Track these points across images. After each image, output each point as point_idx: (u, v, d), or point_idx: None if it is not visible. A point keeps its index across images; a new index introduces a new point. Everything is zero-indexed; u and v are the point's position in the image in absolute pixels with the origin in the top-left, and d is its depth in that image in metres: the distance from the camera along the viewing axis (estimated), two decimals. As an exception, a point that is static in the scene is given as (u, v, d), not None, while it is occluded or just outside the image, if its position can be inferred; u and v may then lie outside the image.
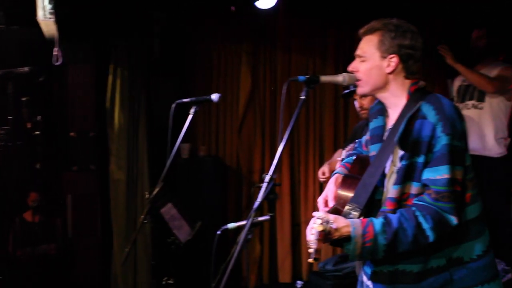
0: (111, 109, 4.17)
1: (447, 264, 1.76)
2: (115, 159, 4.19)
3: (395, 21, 1.86)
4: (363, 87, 1.89)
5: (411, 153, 1.74)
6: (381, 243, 1.68)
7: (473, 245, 1.78)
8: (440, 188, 1.69)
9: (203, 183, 4.43)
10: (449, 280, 1.76)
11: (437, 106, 1.74)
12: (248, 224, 1.83)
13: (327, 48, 4.77)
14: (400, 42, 1.82)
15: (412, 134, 1.75)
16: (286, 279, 4.83)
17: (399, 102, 1.85)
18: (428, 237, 1.69)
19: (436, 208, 1.69)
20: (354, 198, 1.84)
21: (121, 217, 4.23)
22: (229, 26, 4.70)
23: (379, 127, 1.94)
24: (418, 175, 1.74)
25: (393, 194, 1.77)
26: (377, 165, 1.84)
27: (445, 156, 1.69)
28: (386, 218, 1.71)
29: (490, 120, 4.01)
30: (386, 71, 1.84)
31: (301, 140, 4.84)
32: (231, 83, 4.79)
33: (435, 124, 1.71)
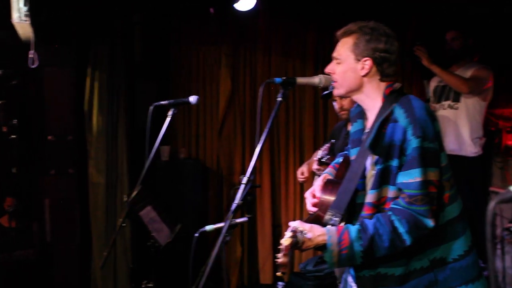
0: (90, 112, 4.13)
1: (431, 265, 1.76)
2: (94, 163, 4.14)
3: (372, 24, 1.87)
4: (338, 89, 1.92)
5: (385, 157, 1.76)
6: (357, 249, 1.69)
7: (455, 245, 1.79)
8: (413, 191, 1.70)
9: (183, 185, 4.41)
10: (434, 281, 1.76)
11: (407, 109, 1.75)
12: (226, 226, 1.83)
13: (306, 49, 4.79)
14: (375, 45, 1.83)
15: (384, 138, 1.75)
16: (267, 280, 4.84)
17: (375, 104, 1.86)
18: (405, 241, 1.69)
19: (411, 212, 1.70)
20: (335, 203, 1.84)
21: (101, 221, 4.19)
22: (209, 28, 4.70)
23: (359, 131, 1.96)
24: (394, 178, 1.75)
25: (370, 199, 1.78)
26: (355, 170, 1.85)
27: (416, 159, 1.70)
28: (362, 224, 1.72)
29: (465, 120, 4.07)
30: (360, 73, 1.85)
31: (281, 142, 4.86)
32: (211, 85, 4.78)
33: (405, 127, 1.71)
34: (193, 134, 4.79)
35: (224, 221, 1.84)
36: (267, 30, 4.78)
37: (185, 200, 4.38)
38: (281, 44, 4.79)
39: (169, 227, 3.42)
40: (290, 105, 4.84)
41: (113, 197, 4.21)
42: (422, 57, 4.05)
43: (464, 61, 4.10)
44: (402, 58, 4.81)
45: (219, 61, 4.74)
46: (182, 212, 4.26)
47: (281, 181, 4.88)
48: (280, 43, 4.79)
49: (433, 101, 4.25)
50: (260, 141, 1.84)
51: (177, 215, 4.08)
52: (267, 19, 4.74)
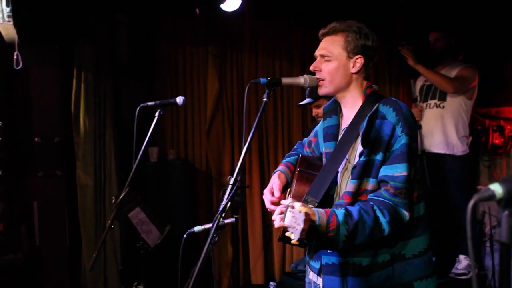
0: (76, 113, 4.10)
1: (391, 259, 1.83)
2: (81, 164, 4.12)
3: (356, 23, 1.92)
4: (326, 87, 1.93)
5: (370, 150, 1.80)
6: (342, 233, 1.71)
7: (416, 243, 1.86)
8: (399, 184, 1.76)
9: (172, 186, 4.40)
10: (391, 275, 1.82)
11: (396, 107, 1.82)
12: (214, 226, 1.83)
13: (293, 49, 4.81)
14: (364, 43, 1.89)
15: (372, 132, 1.80)
16: (259, 280, 4.84)
17: (356, 102, 1.93)
18: (384, 231, 1.74)
19: (392, 203, 1.76)
20: (311, 191, 1.88)
21: (90, 223, 4.16)
22: (195, 28, 4.69)
23: (334, 126, 2.01)
24: (375, 172, 1.80)
25: (350, 188, 1.81)
26: (333, 161, 1.89)
27: (404, 155, 1.77)
28: (347, 210, 1.75)
29: (452, 119, 4.11)
30: (351, 71, 1.90)
31: (269, 142, 4.86)
32: (198, 85, 4.78)
33: (395, 124, 1.79)
34: (182, 135, 4.79)
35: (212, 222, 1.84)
36: (254, 31, 4.79)
37: (174, 201, 4.37)
38: (268, 44, 4.80)
39: (158, 228, 3.41)
40: (278, 105, 4.85)
41: (102, 199, 4.19)
42: (407, 57, 4.08)
43: (449, 60, 4.14)
44: (389, 58, 4.84)
45: (206, 62, 4.74)
46: (171, 213, 4.25)
47: (270, 181, 4.87)
48: (267, 43, 4.80)
49: (419, 100, 4.28)
50: (247, 141, 1.84)
51: (167, 216, 4.07)
52: (253, 20, 4.75)
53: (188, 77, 4.77)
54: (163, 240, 3.44)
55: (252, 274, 4.86)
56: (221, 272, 4.78)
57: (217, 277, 4.77)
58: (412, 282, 1.84)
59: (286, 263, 4.84)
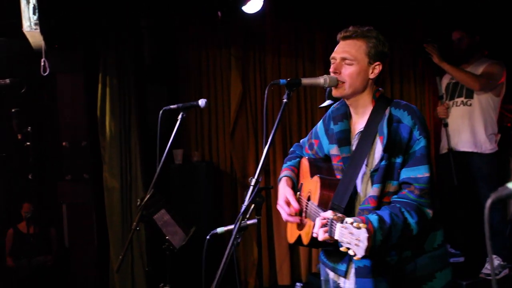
0: (102, 117, 4.17)
1: (412, 254, 1.89)
2: (108, 167, 4.19)
3: (374, 29, 1.98)
4: (345, 90, 1.95)
5: (390, 154, 1.84)
6: (378, 239, 1.73)
7: (434, 237, 1.94)
8: (423, 185, 1.82)
9: (197, 188, 4.43)
10: (415, 268, 1.89)
11: (410, 111, 1.88)
12: (236, 228, 1.84)
13: (315, 50, 4.78)
14: (383, 49, 1.95)
15: (389, 137, 1.85)
16: (285, 281, 4.83)
17: (367, 107, 1.97)
18: (413, 231, 1.80)
19: (417, 204, 1.81)
20: (336, 198, 1.91)
21: (117, 225, 4.23)
22: (217, 31, 4.71)
23: (345, 130, 2.03)
24: (396, 174, 1.85)
25: (374, 192, 1.85)
26: (354, 166, 1.92)
27: (424, 157, 1.84)
28: (379, 215, 1.76)
29: (480, 117, 4.02)
30: (370, 76, 1.95)
31: (293, 143, 4.80)
32: (221, 88, 4.80)
33: (411, 127, 1.85)
34: (206, 137, 4.81)
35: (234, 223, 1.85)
36: (276, 32, 4.78)
37: (199, 202, 4.40)
38: (290, 45, 4.79)
39: (183, 229, 3.44)
40: (302, 105, 4.83)
41: (128, 201, 4.25)
42: (432, 54, 4.01)
43: (475, 57, 4.06)
44: (413, 56, 4.77)
45: (229, 64, 4.75)
46: (196, 214, 4.28)
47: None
48: (289, 44, 4.78)
49: (445, 98, 4.21)
50: (267, 142, 1.84)
51: (192, 218, 4.10)
52: (275, 21, 4.74)
53: (211, 79, 4.80)
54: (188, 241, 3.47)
55: (278, 274, 4.85)
56: (247, 273, 4.79)
57: (243, 278, 4.78)
58: (434, 273, 1.92)
59: (312, 264, 4.82)
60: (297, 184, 2.22)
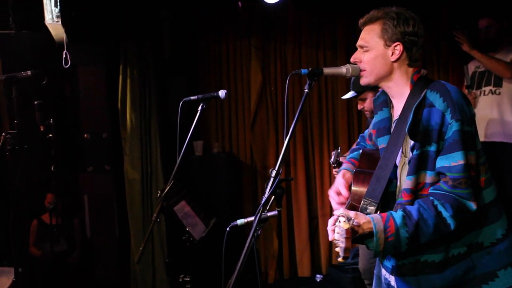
0: (123, 109, 4.19)
1: (468, 251, 1.75)
2: (128, 159, 4.21)
3: (395, 9, 1.85)
4: (367, 77, 1.88)
5: (421, 143, 1.73)
6: (403, 236, 1.67)
7: (492, 229, 1.77)
8: (456, 174, 1.68)
9: (217, 179, 4.44)
10: (472, 266, 1.75)
11: (443, 93, 1.72)
12: (256, 219, 1.82)
13: (337, 40, 4.72)
14: (403, 29, 1.81)
15: (421, 124, 1.73)
16: (305, 273, 4.82)
17: (403, 91, 1.84)
18: (450, 225, 1.68)
19: (454, 196, 1.68)
20: (369, 192, 1.82)
21: (137, 216, 4.26)
22: (237, 22, 4.69)
23: (386, 119, 1.94)
24: (432, 164, 1.73)
25: (408, 185, 1.75)
26: (388, 157, 1.82)
27: (457, 143, 1.68)
28: (405, 210, 1.70)
29: (509, 106, 3.92)
30: (391, 59, 1.83)
31: (314, 134, 4.80)
32: (242, 78, 4.78)
33: (443, 111, 1.70)
34: (226, 128, 4.81)
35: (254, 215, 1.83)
36: (296, 22, 4.73)
37: (220, 194, 4.41)
38: (311, 35, 4.74)
39: (203, 221, 3.45)
40: (323, 96, 4.78)
41: (149, 193, 4.27)
42: (462, 42, 3.90)
43: (502, 45, 3.95)
44: (437, 44, 4.66)
45: (249, 55, 4.73)
46: (217, 206, 4.29)
47: (316, 173, 4.83)
48: (310, 35, 4.74)
49: (473, 87, 4.11)
50: (288, 133, 1.81)
51: (212, 209, 4.11)
52: (296, 11, 4.70)
53: (232, 70, 4.78)
54: (209, 232, 3.48)
55: (298, 266, 4.84)
56: (267, 265, 4.78)
57: (263, 270, 4.78)
58: (495, 271, 1.76)
59: (333, 256, 4.79)
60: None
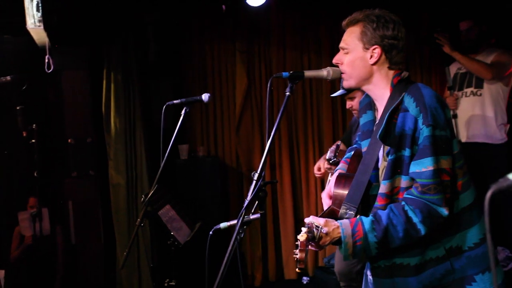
0: (107, 114, 4.17)
1: (447, 254, 1.75)
2: (113, 164, 4.19)
3: (377, 12, 1.84)
4: (348, 80, 1.88)
5: (396, 147, 1.73)
6: (372, 241, 1.68)
7: (470, 233, 1.77)
8: (425, 180, 1.67)
9: (203, 183, 4.43)
10: (451, 270, 1.76)
11: (417, 97, 1.72)
12: (239, 223, 1.82)
13: (321, 42, 4.74)
14: (382, 32, 1.80)
15: (396, 128, 1.73)
16: (291, 275, 4.83)
17: (384, 94, 1.84)
18: (420, 231, 1.68)
19: (424, 201, 1.67)
20: (349, 197, 1.82)
21: (123, 221, 4.23)
22: (222, 25, 4.69)
23: (369, 122, 1.94)
24: (406, 168, 1.73)
25: (383, 189, 1.76)
26: (367, 162, 1.83)
27: (428, 148, 1.67)
28: (376, 215, 1.71)
29: (490, 107, 3.98)
30: (370, 62, 1.82)
31: (299, 137, 4.82)
32: (227, 82, 4.78)
33: (416, 116, 1.70)
34: (211, 131, 4.80)
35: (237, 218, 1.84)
36: (280, 25, 4.75)
37: (205, 197, 4.40)
38: (295, 38, 4.75)
39: (188, 225, 3.43)
40: (308, 98, 4.80)
41: (134, 197, 4.25)
42: (443, 44, 3.95)
43: (482, 47, 4.01)
44: (419, 46, 4.71)
45: (234, 58, 4.73)
46: (202, 210, 4.28)
47: (301, 176, 4.85)
48: (294, 37, 4.75)
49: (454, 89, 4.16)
50: (270, 137, 1.82)
51: (198, 213, 4.10)
52: (280, 14, 4.71)
53: (216, 73, 4.78)
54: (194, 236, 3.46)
55: (285, 269, 4.85)
56: (254, 267, 4.78)
57: (249, 273, 4.78)
58: (473, 275, 1.76)
59: (319, 258, 4.80)
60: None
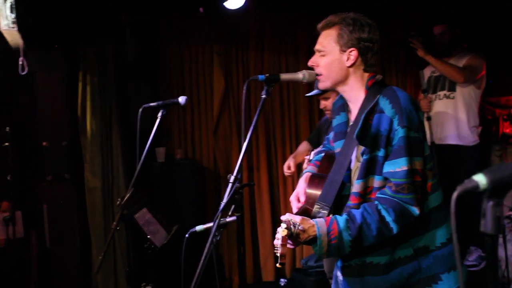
0: (83, 116, 4.12)
1: (415, 253, 1.79)
2: (89, 167, 4.14)
3: (352, 15, 1.88)
4: (324, 82, 1.91)
5: (371, 148, 1.77)
6: (346, 239, 1.70)
7: (437, 233, 1.82)
8: (400, 180, 1.71)
9: (180, 186, 4.41)
10: (418, 269, 1.79)
11: (392, 99, 1.76)
12: (215, 225, 1.82)
13: (299, 45, 4.78)
14: (359, 35, 1.84)
15: (371, 129, 1.77)
16: (269, 277, 4.84)
17: (359, 96, 1.87)
18: (392, 229, 1.71)
19: (397, 200, 1.71)
20: (322, 196, 1.85)
21: (99, 225, 4.19)
22: (200, 28, 4.69)
23: (343, 123, 1.97)
24: (380, 168, 1.76)
25: (356, 188, 1.79)
26: (341, 162, 1.86)
27: (402, 149, 1.71)
28: (350, 214, 1.73)
29: (463, 109, 4.06)
30: (346, 64, 1.85)
31: (277, 138, 4.84)
32: (204, 84, 4.77)
33: (392, 117, 1.74)
34: (189, 134, 4.78)
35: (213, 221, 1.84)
36: (258, 28, 4.77)
37: (183, 200, 4.38)
38: (273, 41, 4.78)
39: (165, 228, 3.41)
40: (285, 101, 4.83)
41: (110, 201, 4.21)
42: (417, 48, 4.02)
43: (456, 51, 4.09)
44: (395, 50, 4.78)
45: (211, 60, 4.73)
46: (180, 212, 4.26)
47: (279, 178, 4.87)
48: (272, 40, 4.77)
49: (428, 92, 4.23)
50: (246, 139, 1.84)
51: (175, 216, 4.07)
52: (258, 17, 4.73)
53: (194, 76, 4.77)
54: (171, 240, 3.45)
55: (263, 271, 4.86)
56: (231, 270, 4.78)
57: (227, 276, 4.77)
58: (439, 274, 1.80)
59: (297, 259, 4.83)
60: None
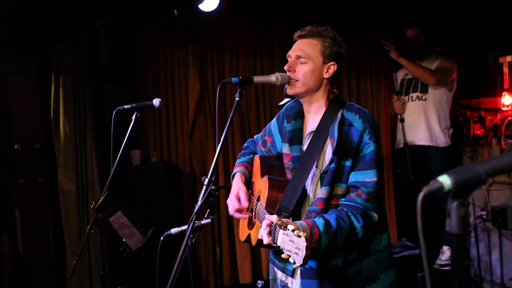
0: (56, 119, 4.05)
1: (358, 256, 1.90)
2: (63, 170, 4.08)
3: (331, 30, 1.96)
4: (298, 88, 1.94)
5: (339, 157, 1.83)
6: (323, 243, 1.74)
7: (380, 238, 1.95)
8: (370, 189, 1.82)
9: (156, 188, 4.38)
10: (359, 270, 1.90)
11: (361, 115, 1.86)
12: (189, 228, 1.82)
13: (274, 48, 4.80)
14: (338, 50, 1.93)
15: (339, 140, 1.83)
16: (246, 279, 4.84)
17: (320, 107, 1.96)
18: (358, 234, 1.81)
19: (363, 208, 1.82)
20: (284, 200, 1.90)
21: (73, 229, 4.13)
22: (174, 30, 4.66)
23: (297, 129, 2.02)
24: (345, 177, 1.85)
25: (323, 194, 1.85)
26: (304, 168, 1.91)
27: (373, 161, 1.83)
28: (325, 219, 1.77)
29: (434, 111, 4.15)
30: (324, 76, 1.93)
31: (253, 140, 4.85)
32: (179, 86, 4.74)
33: (362, 131, 1.83)
34: (164, 137, 4.75)
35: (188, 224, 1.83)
36: (233, 30, 4.77)
37: (159, 203, 4.35)
38: (248, 44, 4.79)
39: (140, 231, 3.39)
40: (261, 104, 4.85)
41: (85, 204, 4.15)
42: (390, 50, 4.08)
43: (429, 54, 4.17)
44: (369, 52, 4.85)
45: (187, 63, 4.71)
46: (156, 215, 4.23)
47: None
48: (247, 43, 4.79)
49: (401, 93, 4.31)
50: (220, 142, 1.84)
51: (151, 219, 4.05)
52: (233, 19, 4.74)
53: (169, 78, 4.74)
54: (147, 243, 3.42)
55: (240, 273, 4.86)
56: (208, 272, 4.76)
57: (204, 278, 4.76)
58: (377, 274, 1.93)
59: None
60: (250, 181, 2.22)
